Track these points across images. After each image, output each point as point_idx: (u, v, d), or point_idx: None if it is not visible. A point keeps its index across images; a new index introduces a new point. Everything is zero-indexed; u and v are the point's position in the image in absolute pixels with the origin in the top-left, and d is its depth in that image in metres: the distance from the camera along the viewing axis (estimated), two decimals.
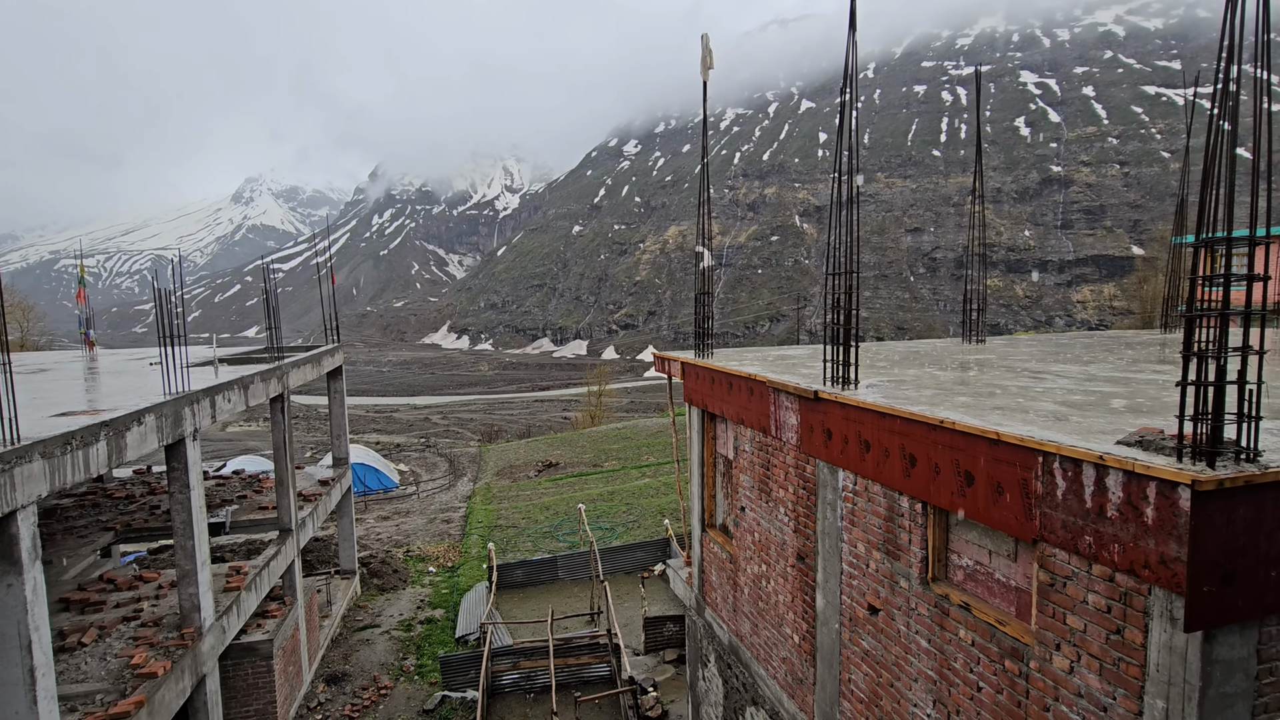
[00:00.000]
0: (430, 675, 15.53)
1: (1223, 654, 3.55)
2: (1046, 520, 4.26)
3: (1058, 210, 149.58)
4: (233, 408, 11.79)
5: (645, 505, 28.27)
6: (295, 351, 18.89)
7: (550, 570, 20.71)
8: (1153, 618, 3.68)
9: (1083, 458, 3.93)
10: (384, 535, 27.35)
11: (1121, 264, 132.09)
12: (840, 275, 6.72)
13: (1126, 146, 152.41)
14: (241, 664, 12.47)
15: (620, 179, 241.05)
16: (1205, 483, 3.32)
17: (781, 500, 7.86)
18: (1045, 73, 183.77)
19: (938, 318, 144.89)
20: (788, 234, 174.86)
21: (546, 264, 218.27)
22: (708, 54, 9.88)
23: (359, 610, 19.34)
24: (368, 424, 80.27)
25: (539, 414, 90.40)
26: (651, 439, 44.27)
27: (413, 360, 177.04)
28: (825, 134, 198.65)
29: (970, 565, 5.29)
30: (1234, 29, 3.64)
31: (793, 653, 7.80)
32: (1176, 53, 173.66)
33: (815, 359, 9.86)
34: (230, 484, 18.48)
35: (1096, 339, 13.45)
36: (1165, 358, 9.18)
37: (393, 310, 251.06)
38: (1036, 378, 7.34)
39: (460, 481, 38.39)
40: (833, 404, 6.50)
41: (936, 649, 5.44)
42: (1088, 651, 4.08)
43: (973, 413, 5.31)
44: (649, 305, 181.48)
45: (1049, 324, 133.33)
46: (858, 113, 6.50)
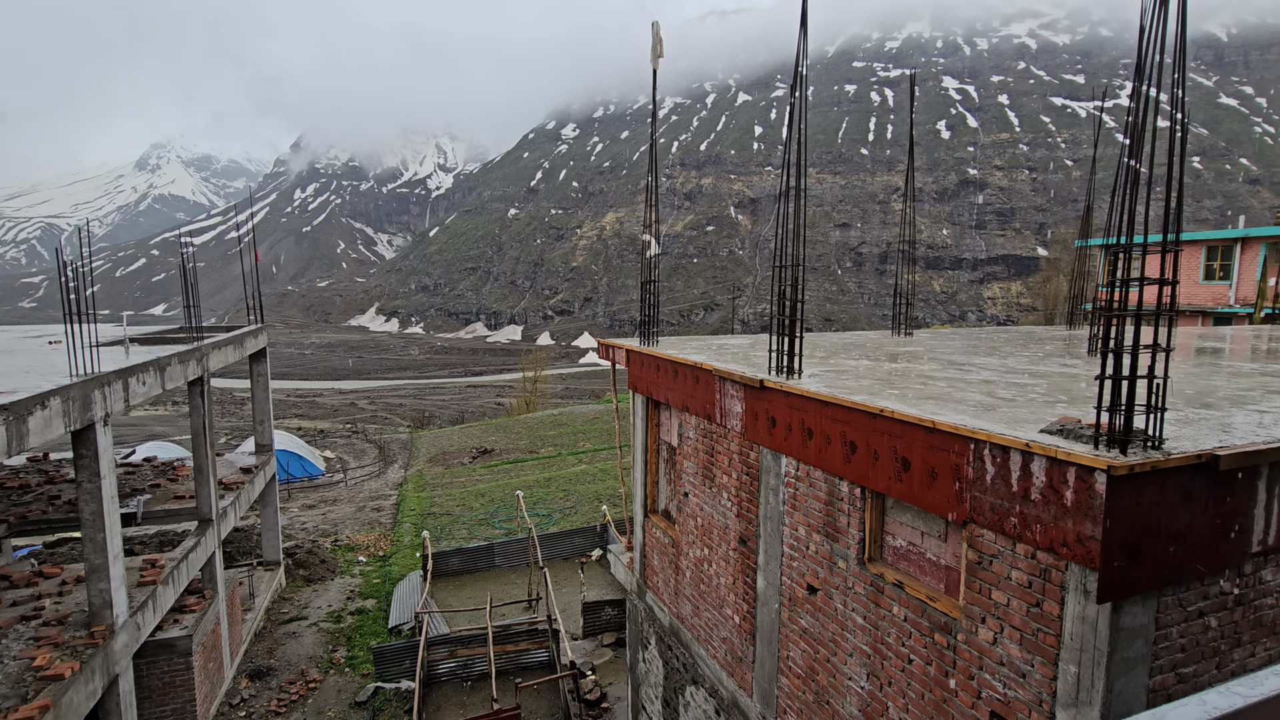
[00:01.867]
0: (362, 667, 15.15)
1: (1127, 622, 3.94)
2: (976, 503, 4.57)
3: (973, 211, 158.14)
4: (148, 391, 11.05)
5: (582, 491, 28.33)
6: (215, 332, 17.83)
7: (487, 557, 20.50)
8: (1069, 591, 4.03)
9: (1010, 445, 4.24)
10: (310, 525, 26.31)
11: (1028, 263, 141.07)
12: (786, 268, 6.93)
13: (1035, 153, 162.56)
14: (158, 661, 11.80)
15: (558, 163, 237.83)
16: (1119, 468, 3.65)
17: (725, 486, 8.07)
18: (965, 79, 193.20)
19: (863, 310, 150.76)
20: (723, 224, 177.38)
21: (481, 246, 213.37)
22: (658, 42, 9.89)
23: (284, 602, 18.60)
24: (289, 409, 76.70)
25: (472, 400, 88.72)
26: (588, 425, 44.29)
27: (338, 343, 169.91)
28: (760, 127, 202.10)
29: (904, 546, 5.61)
30: (1147, 51, 3.97)
31: (733, 633, 8.06)
32: (1081, 68, 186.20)
33: (756, 348, 10.12)
34: (141, 472, 17.32)
35: (1011, 333, 14.37)
36: (1073, 352, 9.93)
37: (316, 290, 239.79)
38: (963, 369, 7.81)
39: (391, 468, 37.32)
40: (777, 392, 6.72)
41: (871, 625, 5.76)
42: (1010, 624, 4.43)
43: (909, 402, 5.62)
44: (586, 291, 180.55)
45: (963, 318, 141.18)
46: (795, 108, 6.68)
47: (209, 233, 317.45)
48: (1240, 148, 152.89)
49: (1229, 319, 25.06)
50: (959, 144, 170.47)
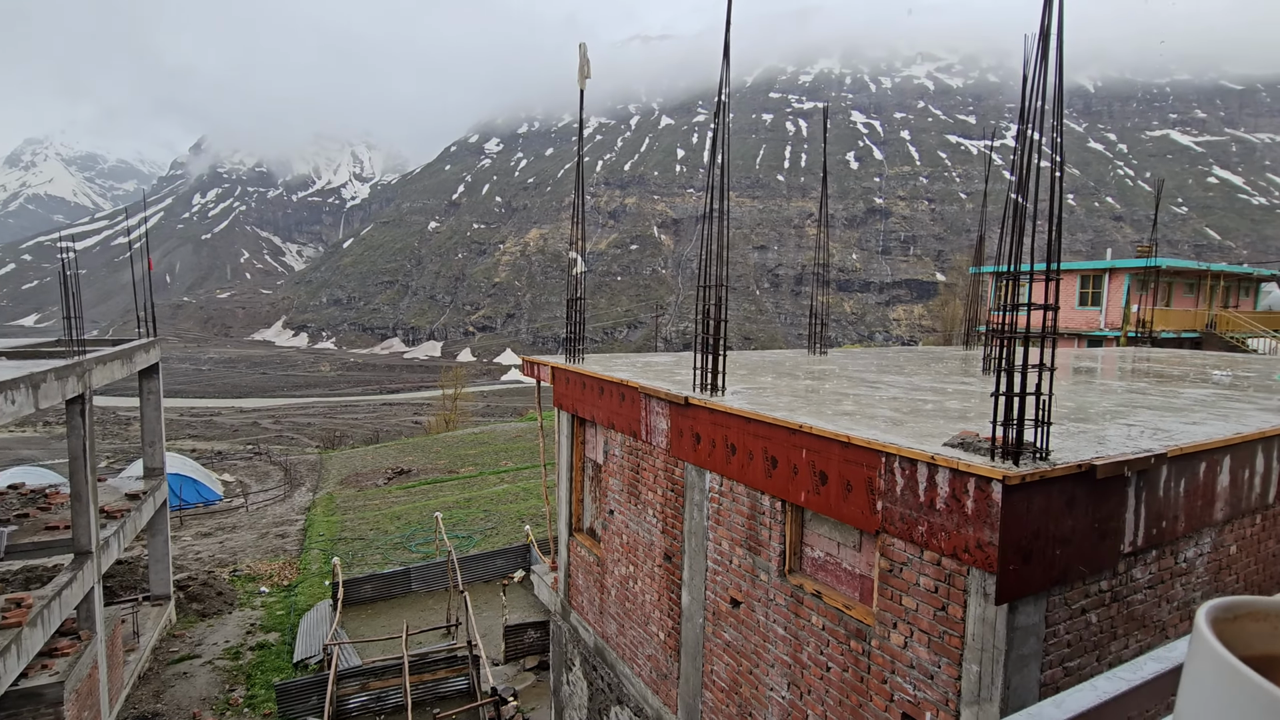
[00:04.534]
0: (264, 706, 14.11)
1: (1022, 621, 4.26)
2: (887, 513, 4.83)
3: (879, 238, 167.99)
4: (17, 410, 10.00)
5: (504, 511, 27.71)
6: (99, 345, 16.37)
7: (403, 583, 19.64)
8: (970, 594, 4.32)
9: (918, 458, 4.52)
10: (205, 554, 24.39)
11: (928, 288, 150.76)
12: (710, 287, 7.14)
13: (934, 186, 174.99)
14: (21, 714, 10.57)
15: (481, 177, 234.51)
16: (1012, 478, 3.97)
17: (650, 503, 8.14)
18: (872, 114, 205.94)
19: (779, 329, 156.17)
20: (646, 244, 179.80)
21: (399, 260, 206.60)
22: (585, 63, 10.02)
23: (174, 640, 17.11)
24: (183, 429, 71.14)
25: (388, 418, 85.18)
26: (510, 444, 43.46)
27: (239, 358, 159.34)
28: (683, 150, 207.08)
29: (822, 557, 5.84)
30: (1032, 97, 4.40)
31: (658, 649, 8.09)
32: (973, 109, 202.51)
33: (681, 366, 10.31)
34: (6, 500, 15.57)
35: (914, 353, 15.30)
36: (969, 371, 10.68)
37: (216, 301, 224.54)
38: (873, 387, 8.25)
39: (298, 492, 35.22)
40: (702, 410, 6.87)
41: (792, 635, 5.94)
42: (919, 627, 4.69)
43: (826, 418, 5.89)
44: (508, 308, 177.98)
45: (871, 338, 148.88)
46: (715, 134, 6.95)
47: (92, 238, 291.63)
48: (1106, 188, 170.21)
49: (1100, 341, 27.65)
50: (866, 174, 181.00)
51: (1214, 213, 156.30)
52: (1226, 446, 5.24)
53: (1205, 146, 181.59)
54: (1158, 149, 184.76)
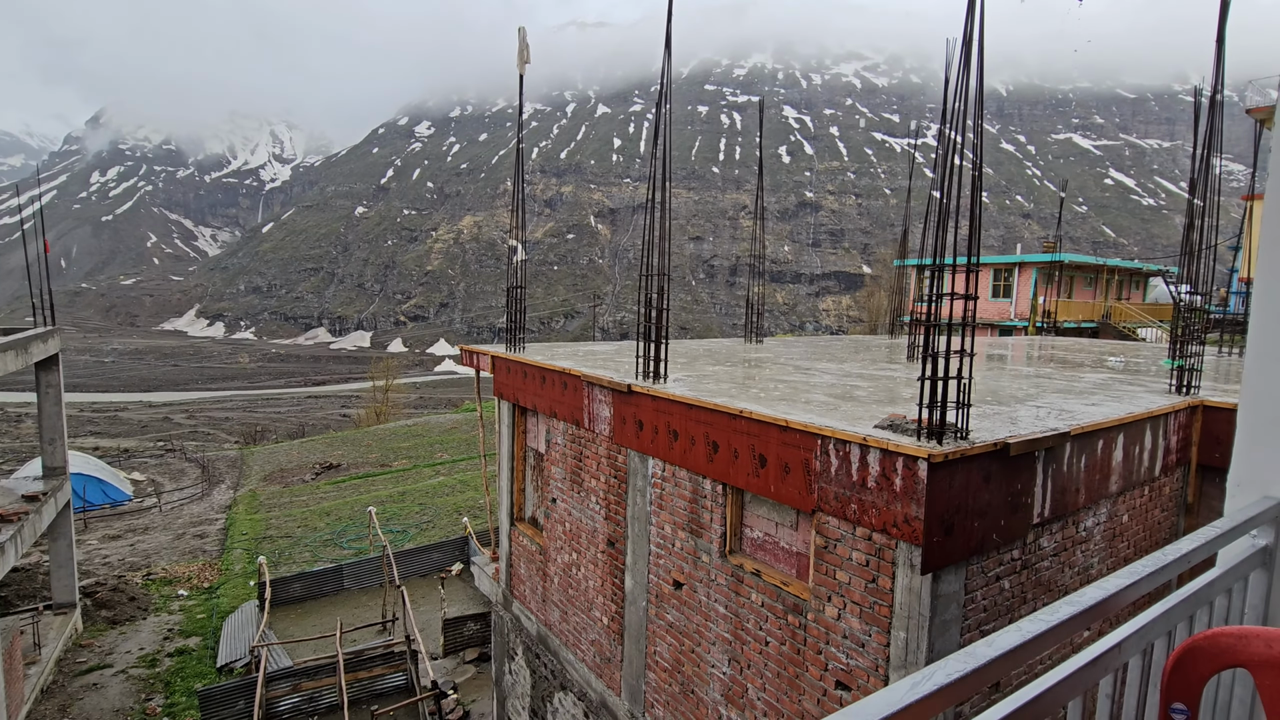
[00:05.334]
0: (185, 714, 13.44)
1: (944, 589, 4.58)
2: (823, 493, 5.09)
3: (810, 230, 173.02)
4: None
5: (440, 504, 27.20)
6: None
7: (335, 580, 19.03)
8: (898, 566, 4.61)
9: (851, 439, 4.78)
10: (115, 558, 22.89)
11: (855, 279, 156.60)
12: (651, 277, 7.25)
13: (860, 181, 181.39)
14: None
15: (411, 161, 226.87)
16: (936, 456, 4.26)
17: (593, 490, 8.22)
18: (803, 109, 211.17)
19: (715, 319, 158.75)
20: (583, 233, 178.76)
21: (324, 246, 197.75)
22: (525, 48, 9.90)
23: (82, 650, 16.02)
24: (84, 425, 66.19)
25: (313, 411, 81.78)
26: (445, 435, 42.59)
27: (147, 349, 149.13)
28: (620, 140, 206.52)
29: (761, 537, 6.08)
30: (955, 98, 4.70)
31: (602, 634, 8.21)
32: (897, 108, 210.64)
33: (622, 355, 10.41)
34: None
35: (843, 342, 15.94)
36: (895, 358, 11.24)
37: (120, 288, 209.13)
38: (807, 374, 8.58)
39: (217, 490, 33.45)
40: (644, 397, 6.99)
41: (732, 613, 6.16)
42: (851, 599, 4.97)
43: (764, 403, 6.11)
44: (441, 297, 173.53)
45: (802, 328, 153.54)
46: (652, 125, 7.05)
47: None
48: (1016, 187, 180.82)
49: (1010, 330, 29.52)
50: (798, 168, 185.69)
51: (1109, 212, 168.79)
52: (1121, 425, 5.77)
53: (1103, 150, 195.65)
54: (1061, 151, 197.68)
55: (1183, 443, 6.84)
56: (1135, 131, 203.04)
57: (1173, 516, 7.00)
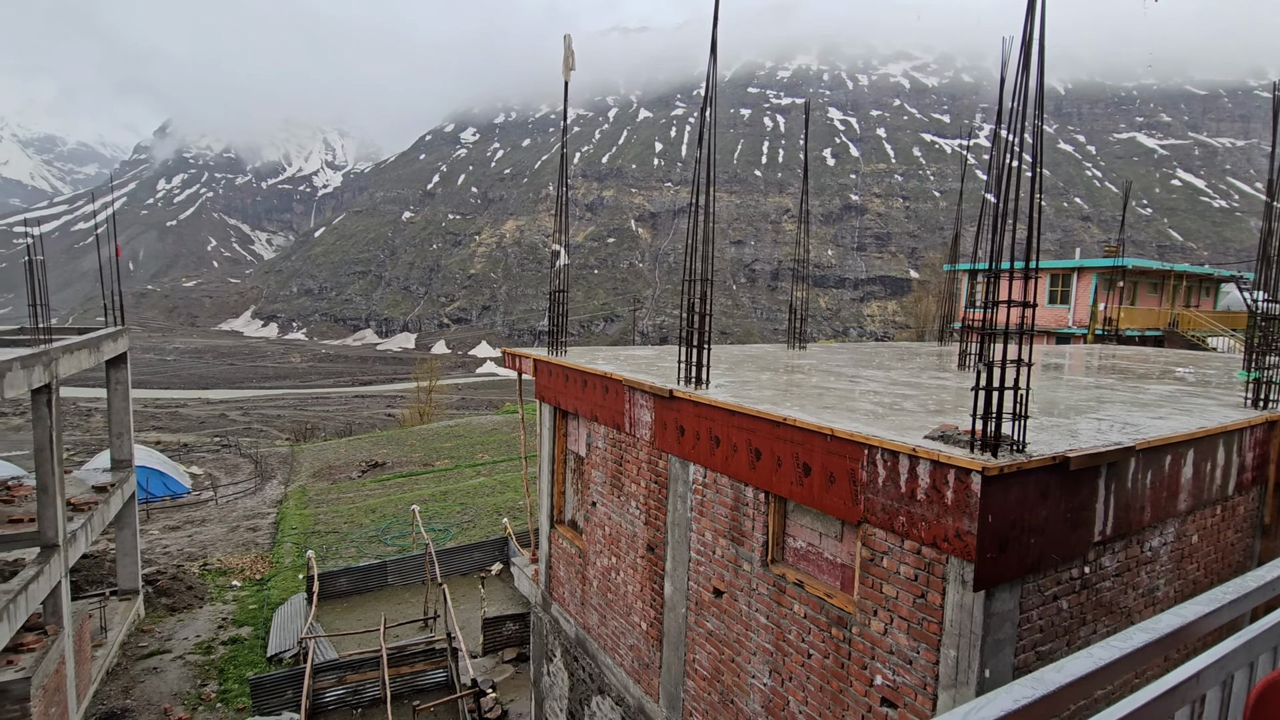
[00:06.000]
0: (237, 701, 13.93)
1: (997, 608, 4.41)
2: (869, 504, 4.95)
3: (854, 234, 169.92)
4: None
5: (481, 504, 27.59)
6: (65, 334, 15.91)
7: (379, 576, 19.47)
8: (949, 582, 4.46)
9: (899, 450, 4.64)
10: (174, 548, 23.90)
11: (901, 284, 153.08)
12: (695, 281, 7.20)
13: (908, 184, 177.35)
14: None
15: (456, 167, 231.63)
16: (991, 469, 4.11)
17: (633, 494, 8.20)
18: (848, 111, 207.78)
19: (756, 324, 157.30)
20: (624, 237, 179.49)
21: (372, 249, 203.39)
22: (570, 55, 9.99)
23: (144, 635, 16.77)
24: (147, 420, 69.42)
25: (360, 410, 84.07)
26: (486, 436, 43.21)
27: (206, 348, 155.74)
28: (661, 144, 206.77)
29: (804, 547, 5.96)
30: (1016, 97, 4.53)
31: (640, 639, 8.17)
32: (947, 108, 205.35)
33: (663, 359, 10.38)
34: None
35: (889, 348, 15.57)
36: (945, 366, 10.92)
37: (182, 290, 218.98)
38: (853, 381, 8.40)
39: (269, 485, 34.64)
40: (686, 402, 6.94)
41: (774, 624, 6.05)
42: (899, 614, 4.82)
43: (809, 411, 5.99)
44: (484, 299, 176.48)
45: (845, 333, 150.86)
46: (695, 129, 7.00)
47: (51, 223, 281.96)
48: (1075, 188, 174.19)
49: (1068, 338, 28.40)
50: (843, 171, 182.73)
51: (1177, 214, 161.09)
52: (1191, 440, 5.47)
53: (1170, 150, 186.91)
54: (1124, 151, 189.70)
55: (1259, 460, 6.44)
56: (1206, 130, 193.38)
57: (1248, 538, 6.60)
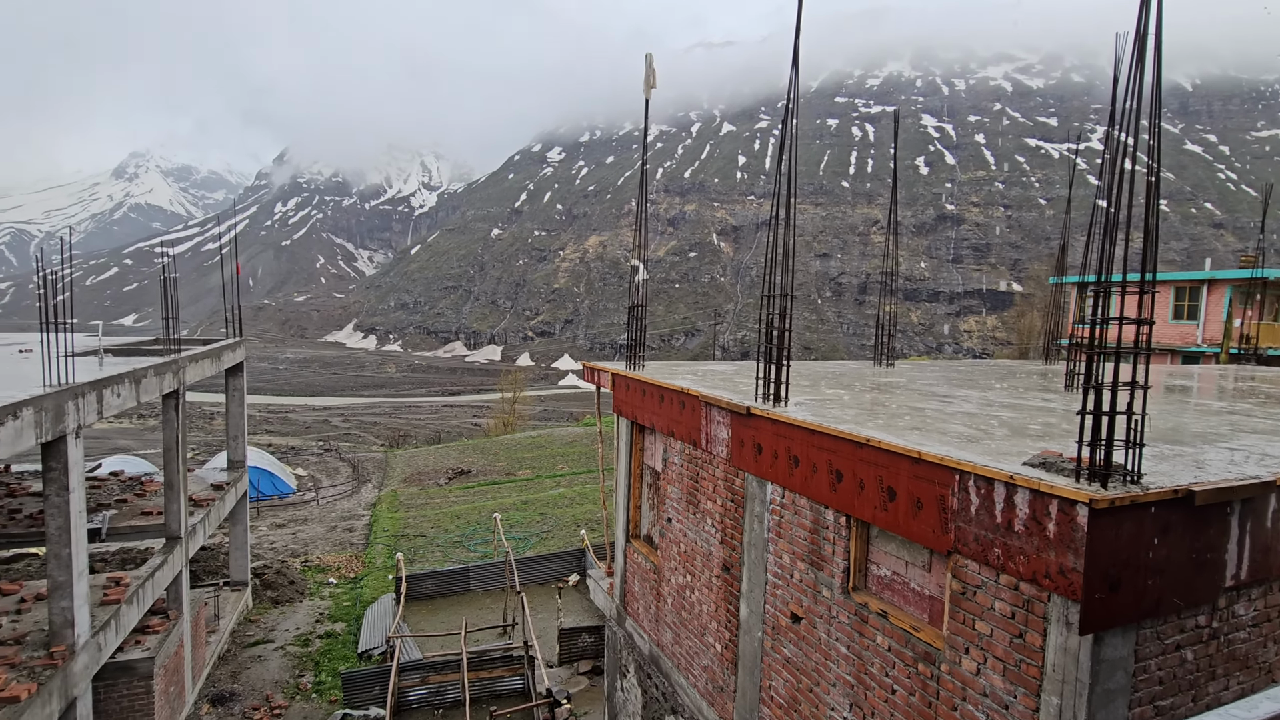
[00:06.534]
0: (330, 693, 14.70)
1: (1108, 654, 4.00)
2: (960, 533, 4.64)
3: (950, 245, 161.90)
4: (121, 403, 10.80)
5: (560, 515, 28.04)
6: (191, 344, 17.52)
7: (462, 581, 20.13)
8: (1051, 622, 4.09)
9: (995, 477, 4.32)
10: (279, 544, 25.66)
11: (1003, 298, 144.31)
12: (775, 297, 7.05)
13: (1010, 192, 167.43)
14: (117, 685, 11.35)
15: (543, 185, 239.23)
16: (1100, 501, 3.75)
17: (709, 512, 8.08)
18: (944, 118, 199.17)
19: (842, 339, 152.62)
20: (705, 251, 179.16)
21: (463, 265, 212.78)
22: (651, 73, 10.10)
23: (250, 624, 18.05)
24: (260, 425, 75.19)
25: (449, 419, 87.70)
26: (566, 448, 43.98)
27: (313, 358, 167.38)
28: (744, 157, 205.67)
29: (888, 575, 5.65)
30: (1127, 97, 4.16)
31: (714, 661, 8.00)
32: (1054, 111, 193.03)
33: (742, 375, 10.21)
34: (107, 486, 16.82)
35: (987, 367, 14.67)
36: (1049, 386, 10.16)
37: (293, 304, 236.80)
38: (945, 401, 7.95)
39: (364, 488, 36.65)
40: (764, 420, 6.78)
41: (855, 655, 5.77)
42: (993, 654, 4.47)
43: (894, 432, 5.71)
44: (566, 313, 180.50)
45: (939, 350, 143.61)
46: (778, 140, 6.86)
47: (185, 244, 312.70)
48: (1205, 193, 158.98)
49: (1197, 358, 25.81)
50: (937, 180, 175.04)
51: None
52: None
53: None
54: (1264, 151, 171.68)
55: None
56: None
57: None
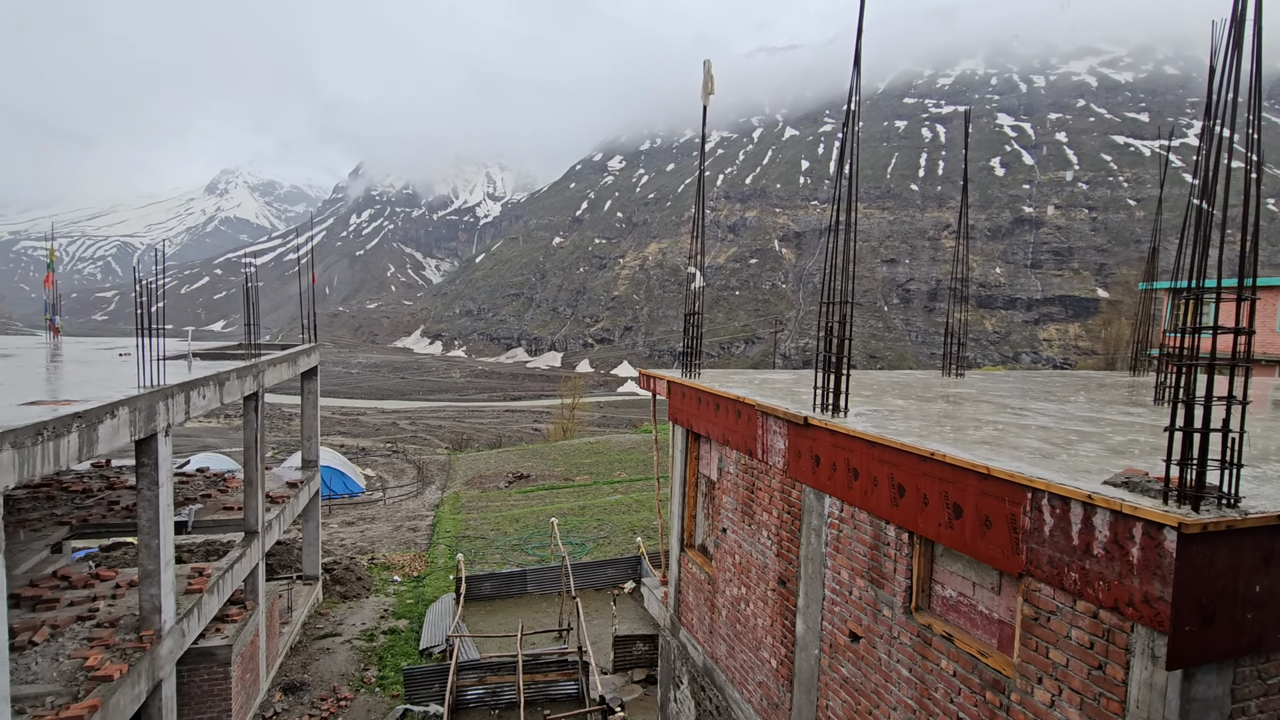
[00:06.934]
0: (392, 688, 15.17)
1: (1201, 692, 3.67)
2: (1033, 555, 4.36)
3: (1028, 250, 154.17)
4: (207, 404, 11.50)
5: (617, 521, 28.13)
6: (270, 349, 18.52)
7: (519, 584, 20.44)
8: (1134, 655, 3.79)
9: (1071, 496, 4.05)
10: (348, 541, 26.75)
11: (1087, 305, 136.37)
12: (834, 304, 6.86)
13: (1095, 192, 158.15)
14: (198, 669, 12.05)
15: (603, 193, 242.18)
16: (1191, 526, 3.45)
17: (765, 523, 7.91)
18: (1021, 116, 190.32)
19: (909, 348, 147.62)
20: (766, 257, 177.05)
21: (525, 273, 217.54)
22: (709, 79, 10.05)
23: (320, 618, 18.85)
24: (333, 426, 78.75)
25: (510, 424, 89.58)
26: (624, 455, 44.14)
27: (383, 363, 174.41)
28: (807, 161, 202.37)
29: (954, 596, 5.38)
30: (1223, 88, 3.84)
31: (769, 677, 7.81)
32: (1145, 106, 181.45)
33: (800, 384, 9.99)
34: (194, 481, 17.95)
35: (1068, 378, 13.85)
36: (1136, 400, 9.49)
37: (365, 311, 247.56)
38: (1018, 414, 7.54)
39: (428, 489, 37.81)
40: (822, 430, 6.59)
41: (917, 678, 5.51)
42: (1069, 686, 4.18)
43: (961, 446, 5.44)
44: (626, 320, 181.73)
45: (1016, 359, 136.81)
46: (844, 142, 6.67)
47: (269, 254, 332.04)
48: None
49: None
50: (1014, 181, 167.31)
51: None
52: None
53: None
54: None
55: None
56: None
57: None
